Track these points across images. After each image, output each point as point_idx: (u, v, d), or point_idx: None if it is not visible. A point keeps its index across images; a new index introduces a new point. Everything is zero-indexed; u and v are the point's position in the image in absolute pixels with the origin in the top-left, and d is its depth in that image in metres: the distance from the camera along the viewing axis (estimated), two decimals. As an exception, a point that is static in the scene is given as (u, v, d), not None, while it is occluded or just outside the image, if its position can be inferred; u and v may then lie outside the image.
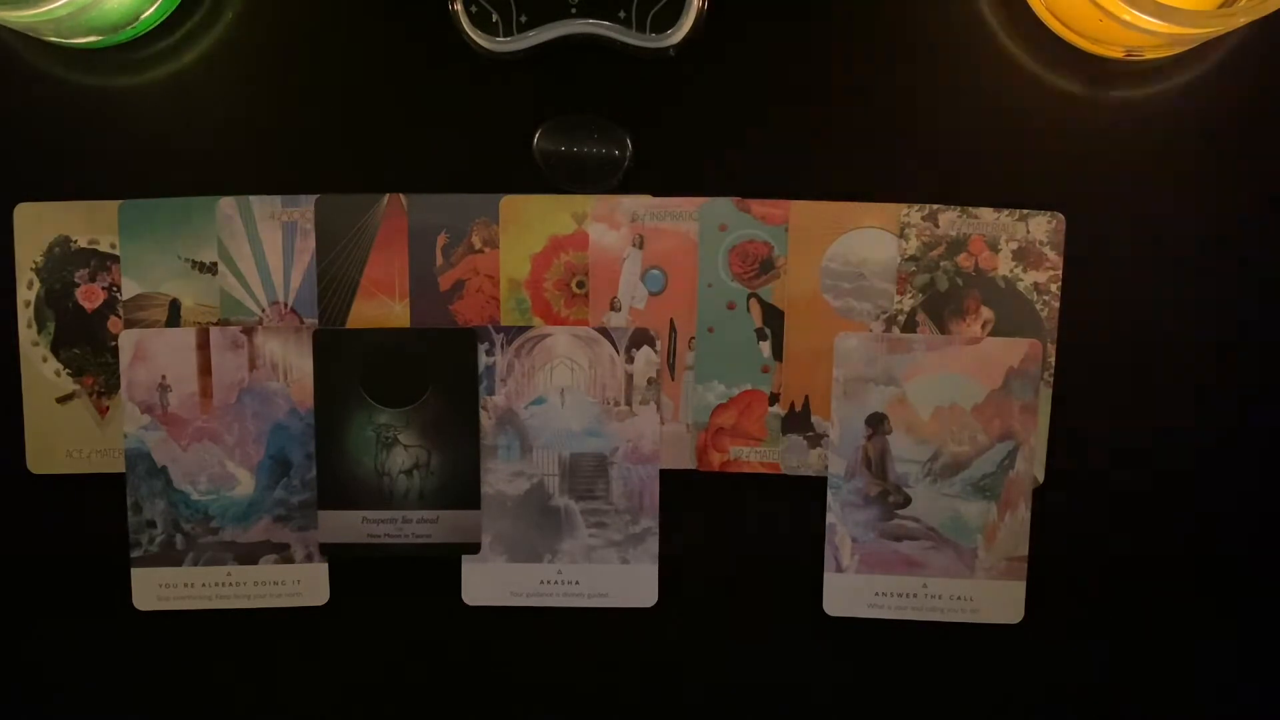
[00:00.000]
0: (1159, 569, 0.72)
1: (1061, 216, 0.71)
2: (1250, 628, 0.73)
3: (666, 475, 0.72)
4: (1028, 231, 0.71)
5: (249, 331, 0.72)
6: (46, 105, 0.72)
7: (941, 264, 0.71)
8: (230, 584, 0.73)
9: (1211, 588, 0.72)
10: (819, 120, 0.71)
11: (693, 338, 0.72)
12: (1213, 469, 0.72)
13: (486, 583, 0.73)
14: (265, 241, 0.72)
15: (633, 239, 0.72)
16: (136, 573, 0.72)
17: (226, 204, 0.72)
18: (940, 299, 0.71)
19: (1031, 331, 0.71)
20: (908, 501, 0.72)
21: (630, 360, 0.72)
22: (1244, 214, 0.71)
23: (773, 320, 0.72)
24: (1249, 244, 0.71)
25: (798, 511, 0.72)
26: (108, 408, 0.72)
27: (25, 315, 0.72)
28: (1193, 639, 0.73)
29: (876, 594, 0.72)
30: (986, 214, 0.71)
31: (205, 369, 0.72)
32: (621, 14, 0.69)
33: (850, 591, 0.72)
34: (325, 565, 0.73)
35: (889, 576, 0.72)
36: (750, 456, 0.72)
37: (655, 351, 0.72)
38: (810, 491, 0.72)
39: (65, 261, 0.72)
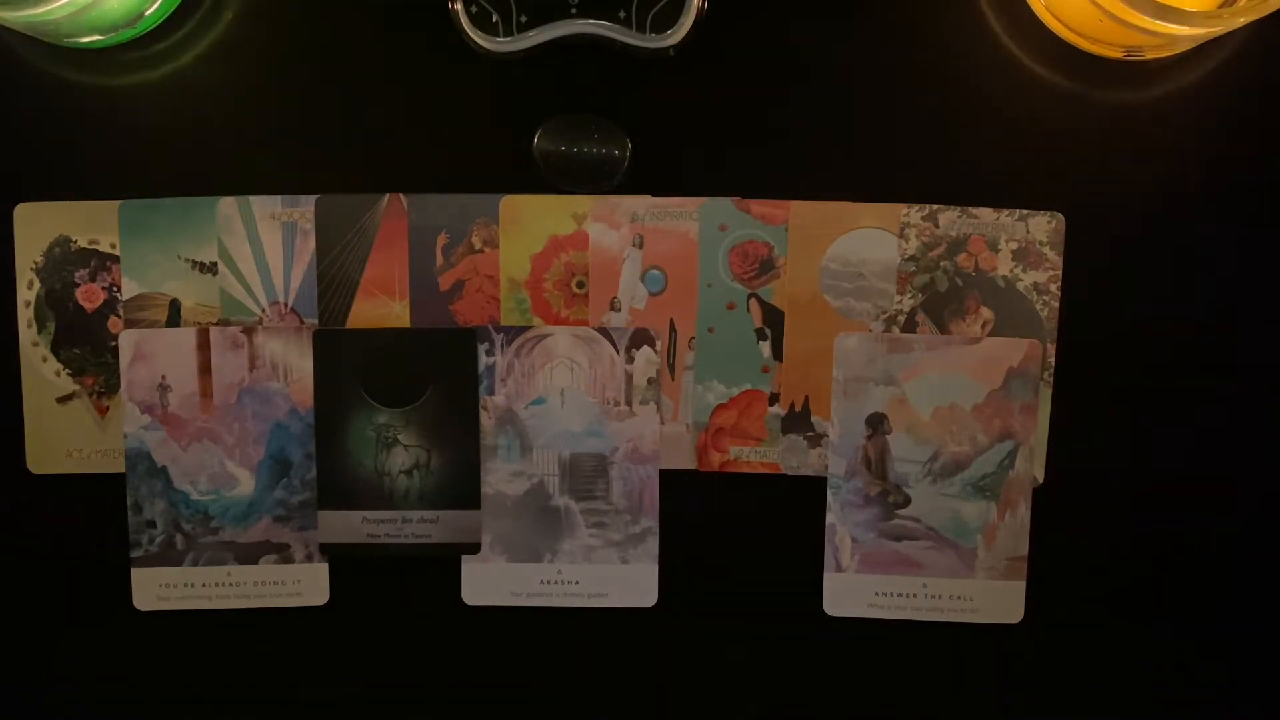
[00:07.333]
0: (1159, 569, 0.72)
1: (1061, 216, 0.71)
2: (1250, 628, 0.73)
3: (666, 475, 0.72)
4: (1028, 231, 0.71)
5: (249, 331, 0.72)
6: (46, 105, 0.72)
7: (941, 264, 0.71)
8: (230, 584, 0.73)
9: (1211, 588, 0.72)
10: (819, 120, 0.71)
11: (693, 338, 0.72)
12: (1212, 469, 0.72)
13: (486, 583, 0.73)
14: (265, 241, 0.72)
15: (633, 239, 0.72)
16: (136, 573, 0.72)
17: (226, 204, 0.72)
18: (940, 299, 0.71)
19: (1031, 331, 0.71)
20: (907, 501, 0.72)
21: (630, 360, 0.72)
22: (1244, 214, 0.71)
23: (773, 320, 0.72)
24: (1249, 244, 0.71)
25: (798, 511, 0.72)
26: (108, 408, 0.72)
27: (25, 315, 0.72)
28: (1193, 639, 0.73)
29: (876, 594, 0.72)
30: (986, 214, 0.71)
31: (205, 369, 0.72)
32: (621, 14, 0.69)
33: (850, 591, 0.72)
34: (325, 565, 0.73)
35: (889, 576, 0.72)
36: (750, 456, 0.72)
37: (655, 351, 0.72)
38: (810, 491, 0.72)
39: (65, 261, 0.72)
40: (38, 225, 0.72)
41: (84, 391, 0.72)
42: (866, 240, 0.71)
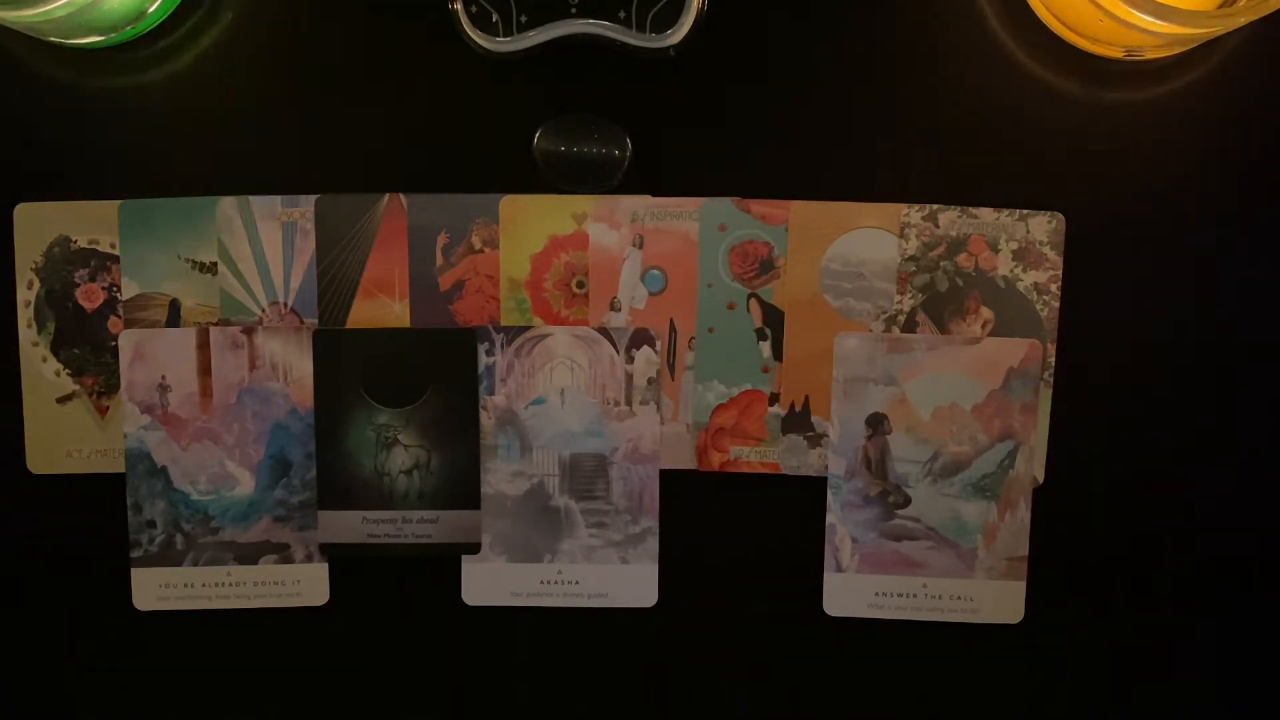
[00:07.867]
0: (1158, 569, 0.72)
1: (1061, 216, 0.71)
2: (1249, 628, 0.73)
3: (666, 475, 0.72)
4: (1028, 231, 0.71)
5: (249, 331, 0.72)
6: (46, 105, 0.72)
7: (941, 264, 0.71)
8: (230, 584, 0.73)
9: (1211, 588, 0.72)
10: (819, 120, 0.71)
11: (693, 338, 0.72)
12: (1212, 469, 0.72)
13: (486, 583, 0.73)
14: (265, 241, 0.72)
15: (633, 239, 0.72)
16: (136, 573, 0.72)
17: (226, 204, 0.72)
18: (940, 299, 0.71)
19: (1031, 331, 0.71)
20: (908, 501, 0.72)
21: (630, 360, 0.72)
22: (1244, 214, 0.71)
23: (773, 320, 0.72)
24: (1249, 244, 0.71)
25: (798, 511, 0.72)
26: (108, 408, 0.72)
27: (25, 315, 0.72)
28: (1192, 639, 0.73)
29: (876, 594, 0.72)
30: (986, 214, 0.71)
31: (205, 369, 0.72)
32: (621, 14, 0.68)
33: (850, 591, 0.72)
34: (325, 565, 0.73)
35: (889, 576, 0.72)
36: (750, 456, 0.72)
37: (655, 351, 0.72)
38: (810, 491, 0.72)
39: (65, 261, 0.72)
40: (38, 225, 0.72)
41: (84, 391, 0.72)
42: (866, 240, 0.71)
